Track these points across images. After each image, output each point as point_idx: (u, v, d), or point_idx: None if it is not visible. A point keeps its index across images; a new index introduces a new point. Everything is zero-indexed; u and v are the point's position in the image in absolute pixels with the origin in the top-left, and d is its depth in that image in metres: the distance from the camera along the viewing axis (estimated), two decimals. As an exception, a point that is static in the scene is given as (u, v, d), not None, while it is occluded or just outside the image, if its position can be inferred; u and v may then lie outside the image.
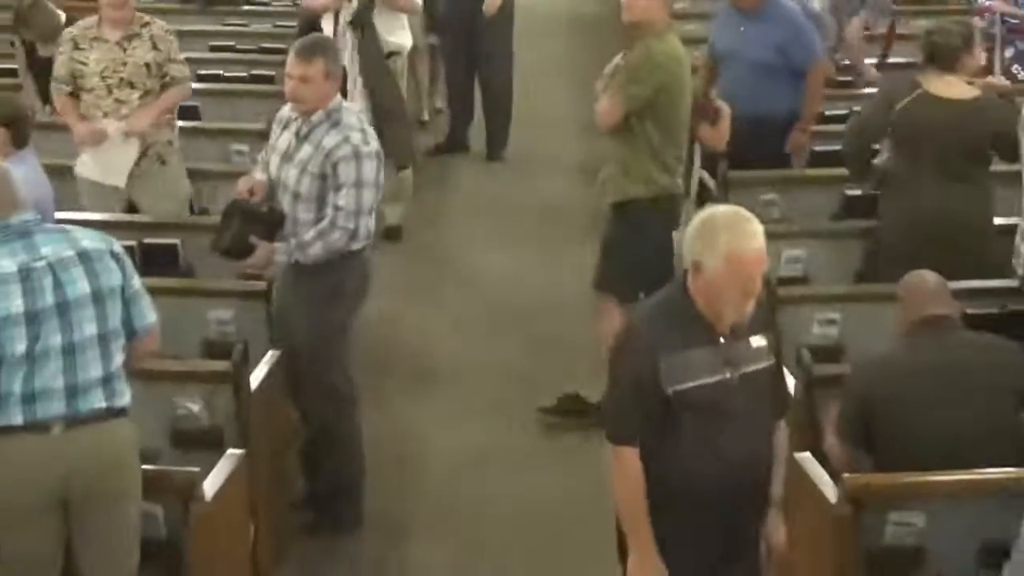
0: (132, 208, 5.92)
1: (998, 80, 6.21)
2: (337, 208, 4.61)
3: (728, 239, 3.17)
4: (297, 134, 4.67)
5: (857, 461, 4.06)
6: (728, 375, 3.34)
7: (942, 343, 4.00)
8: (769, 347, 3.41)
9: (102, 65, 5.83)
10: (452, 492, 5.22)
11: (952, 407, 3.74)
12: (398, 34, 7.70)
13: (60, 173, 5.85)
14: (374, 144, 4.79)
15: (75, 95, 5.85)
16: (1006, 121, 5.21)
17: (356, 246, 4.78)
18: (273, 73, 7.12)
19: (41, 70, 7.14)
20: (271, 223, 4.66)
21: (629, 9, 5.50)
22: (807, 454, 4.15)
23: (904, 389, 3.92)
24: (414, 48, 7.74)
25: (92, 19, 5.99)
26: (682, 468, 3.40)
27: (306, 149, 4.66)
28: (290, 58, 4.76)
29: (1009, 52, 7.31)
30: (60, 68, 5.90)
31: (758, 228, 3.21)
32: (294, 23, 8.55)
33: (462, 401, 5.88)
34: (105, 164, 5.83)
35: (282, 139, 4.82)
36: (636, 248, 5.20)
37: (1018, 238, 4.80)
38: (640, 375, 3.35)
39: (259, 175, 4.84)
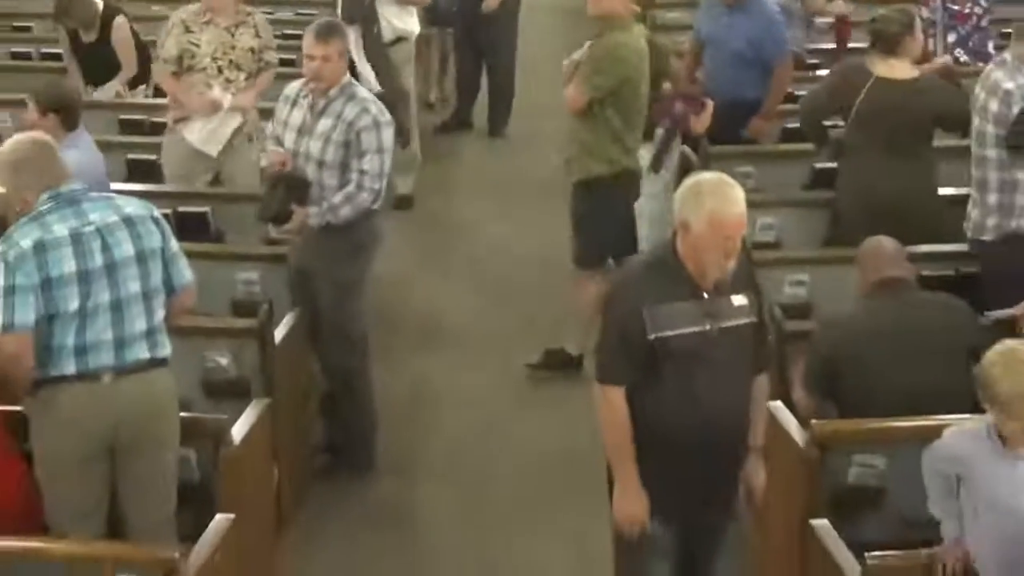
0: (217, 177, 6.16)
1: (942, 61, 6.34)
2: (363, 172, 4.73)
3: (712, 203, 3.20)
4: (312, 109, 4.74)
5: (823, 411, 4.09)
6: (708, 327, 3.35)
7: (900, 304, 4.04)
8: (751, 305, 3.43)
9: (213, 47, 6.02)
10: (458, 439, 5.31)
11: (911, 366, 3.79)
12: (405, 20, 7.79)
13: (107, 148, 5.92)
14: (388, 114, 4.88)
15: (175, 75, 6.09)
16: (948, 102, 5.35)
17: (376, 206, 4.87)
18: (294, 57, 7.11)
19: (85, 55, 7.22)
20: (306, 190, 4.75)
21: (595, 4, 5.63)
22: (779, 402, 4.15)
23: (866, 350, 3.97)
24: (421, 34, 7.86)
25: (197, 6, 6.17)
26: (663, 413, 3.40)
27: (325, 122, 4.74)
28: (309, 40, 4.83)
29: (952, 37, 7.33)
30: (170, 49, 6.03)
31: (740, 194, 3.25)
32: (313, 11, 8.59)
33: (466, 357, 5.98)
34: (208, 134, 6.03)
35: (294, 115, 4.90)
36: (603, 222, 5.28)
37: (969, 205, 4.86)
38: (626, 323, 3.39)
39: (274, 147, 4.95)
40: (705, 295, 3.35)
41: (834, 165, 5.85)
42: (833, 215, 5.74)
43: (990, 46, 7.28)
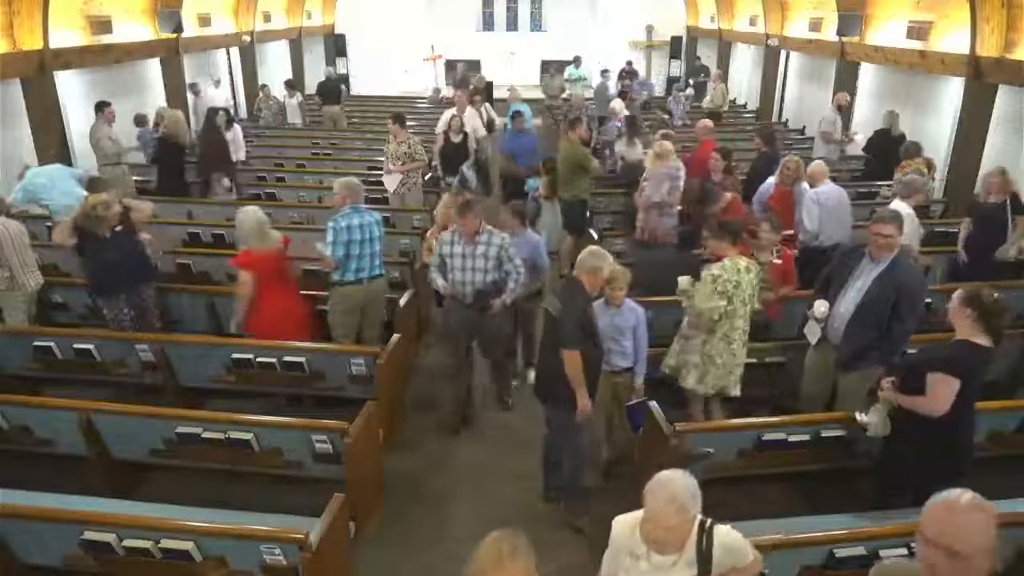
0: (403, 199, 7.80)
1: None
2: (517, 271, 4.89)
3: (592, 262, 3.80)
4: (467, 245, 4.74)
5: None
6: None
7: (657, 253, 5.73)
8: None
9: (391, 151, 7.60)
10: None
11: (659, 272, 4.82)
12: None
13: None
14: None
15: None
16: None
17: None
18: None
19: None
20: (489, 295, 4.86)
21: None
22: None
23: (646, 267, 5.28)
24: None
25: (393, 135, 7.71)
26: (593, 356, 3.84)
27: (481, 249, 4.82)
28: (462, 217, 4.69)
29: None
30: (387, 153, 7.69)
31: (608, 258, 3.87)
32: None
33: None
34: (387, 181, 7.77)
35: (455, 250, 4.83)
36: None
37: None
38: (579, 319, 3.73)
39: (438, 273, 4.87)
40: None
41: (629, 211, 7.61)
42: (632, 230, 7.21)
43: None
